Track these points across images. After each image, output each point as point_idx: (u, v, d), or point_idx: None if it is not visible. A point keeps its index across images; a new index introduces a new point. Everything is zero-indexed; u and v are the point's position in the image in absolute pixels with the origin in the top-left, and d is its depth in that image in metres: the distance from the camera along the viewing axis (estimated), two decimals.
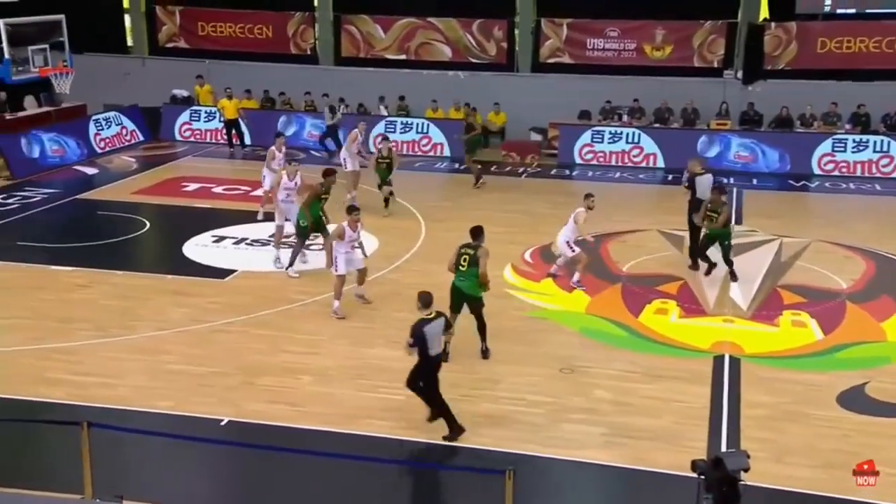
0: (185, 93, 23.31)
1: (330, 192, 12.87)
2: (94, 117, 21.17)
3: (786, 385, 9.73)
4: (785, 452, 8.36)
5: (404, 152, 20.83)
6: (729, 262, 12.83)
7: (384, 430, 8.65)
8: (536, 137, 22.02)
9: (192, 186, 18.04)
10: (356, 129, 17.14)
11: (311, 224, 12.64)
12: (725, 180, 17.85)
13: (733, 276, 12.78)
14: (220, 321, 11.18)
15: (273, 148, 15.13)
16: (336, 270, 11.29)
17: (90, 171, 19.35)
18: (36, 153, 18.83)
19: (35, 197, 16.85)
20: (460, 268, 10.13)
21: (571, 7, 22.48)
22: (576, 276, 12.61)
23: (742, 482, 5.85)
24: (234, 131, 21.43)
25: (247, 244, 14.33)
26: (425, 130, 21.62)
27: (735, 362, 10.33)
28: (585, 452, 8.42)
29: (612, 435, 8.71)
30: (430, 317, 8.45)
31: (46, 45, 16.48)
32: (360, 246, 11.65)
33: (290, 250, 12.96)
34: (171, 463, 8.10)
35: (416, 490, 7.93)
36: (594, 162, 20.89)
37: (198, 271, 13.07)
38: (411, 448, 8.46)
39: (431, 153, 21.39)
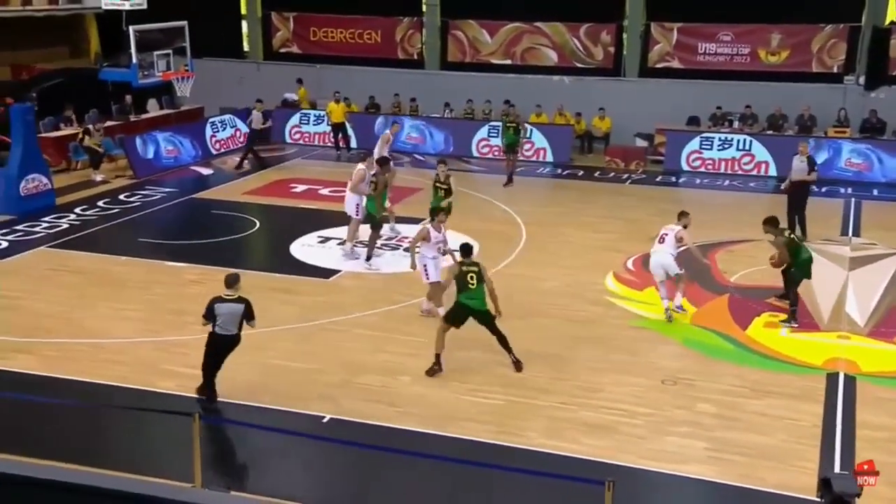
0: (295, 97, 24.00)
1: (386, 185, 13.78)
2: (210, 119, 22.05)
3: None
4: None
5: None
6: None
7: (480, 433, 8.65)
8: (642, 143, 21.61)
9: (300, 188, 18.53)
10: (388, 131, 17.23)
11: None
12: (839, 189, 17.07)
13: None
14: (323, 320, 11.43)
15: (387, 132, 16.52)
16: (427, 278, 11.22)
17: (205, 171, 20.15)
18: (154, 154, 19.73)
19: (155, 195, 17.67)
20: (469, 286, 9.89)
21: (682, 11, 21.95)
22: (678, 299, 11.67)
23: None
24: (340, 135, 21.92)
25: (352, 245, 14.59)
26: (529, 135, 21.53)
27: (850, 380, 9.85)
28: (688, 467, 8.19)
29: (717, 450, 8.44)
30: (228, 297, 8.86)
31: (170, 51, 17.28)
32: (450, 251, 11.30)
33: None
34: (275, 457, 8.31)
35: (513, 497, 7.89)
36: (702, 169, 20.33)
37: (304, 270, 13.40)
38: (508, 453, 8.42)
39: (534, 158, 21.29)
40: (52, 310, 11.61)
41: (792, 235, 12.09)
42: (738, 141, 20.22)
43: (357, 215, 13.74)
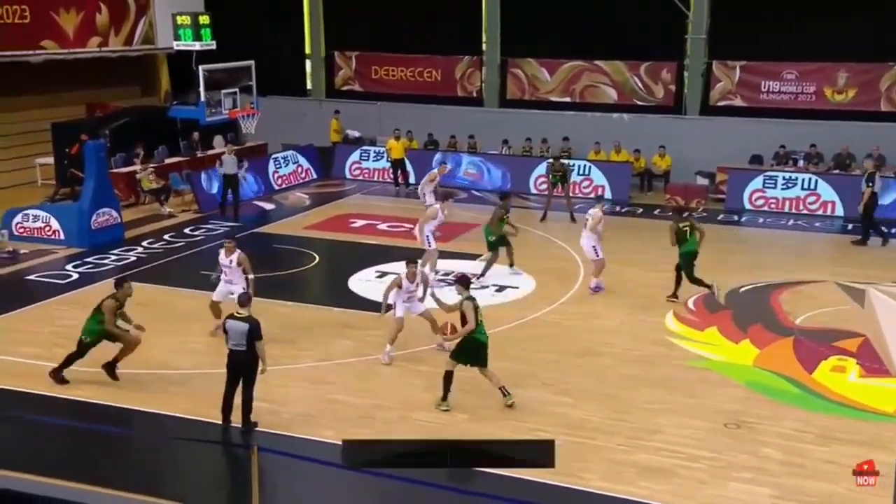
0: (356, 133, 24.43)
1: (508, 210, 14.50)
2: (273, 156, 22.57)
3: None
4: None
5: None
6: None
7: (537, 473, 8.52)
8: (703, 181, 21.35)
9: (359, 223, 18.77)
10: (436, 170, 17.26)
11: (497, 239, 14.27)
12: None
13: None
14: (380, 354, 11.47)
15: (435, 171, 16.92)
16: (395, 315, 11.29)
17: (267, 206, 20.57)
18: (217, 189, 20.21)
19: (218, 230, 18.08)
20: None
21: (746, 49, 21.76)
22: (594, 282, 13.50)
23: None
24: (399, 171, 22.19)
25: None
26: (587, 172, 21.49)
27: None
28: None
29: (782, 497, 8.20)
30: (238, 316, 9.36)
31: (236, 89, 17.75)
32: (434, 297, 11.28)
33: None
34: (333, 491, 8.33)
35: None
36: (765, 208, 19.98)
37: (362, 305, 13.51)
38: (565, 495, 8.29)
39: (592, 195, 21.20)
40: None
41: (683, 225, 13.32)
42: (804, 180, 19.84)
43: (430, 247, 14.13)
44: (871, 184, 16.93)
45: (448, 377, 9.93)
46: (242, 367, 9.35)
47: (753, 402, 10.23)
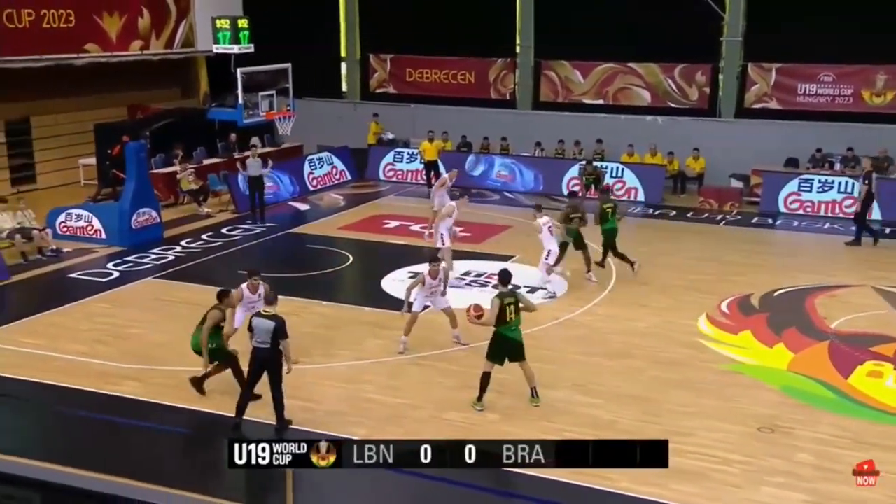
0: (390, 135, 24.63)
1: (577, 210, 14.46)
2: (308, 157, 22.83)
3: None
4: None
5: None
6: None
7: (565, 474, 8.58)
8: (737, 184, 21.21)
9: (393, 224, 18.94)
10: (446, 175, 17.35)
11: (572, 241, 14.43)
12: None
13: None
14: (413, 354, 11.62)
15: (445, 176, 16.86)
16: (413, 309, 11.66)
17: (302, 206, 20.82)
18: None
19: (254, 229, 18.36)
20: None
21: (782, 51, 21.57)
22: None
23: None
24: (432, 172, 22.33)
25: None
26: (620, 174, 21.46)
27: None
28: None
29: (816, 503, 8.15)
30: (265, 314, 9.42)
31: (273, 92, 18.08)
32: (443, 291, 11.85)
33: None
34: (367, 491, 8.47)
35: None
36: (800, 211, 19.80)
37: (394, 305, 13.62)
38: (592, 496, 8.34)
39: (625, 197, 21.18)
40: (159, 338, 12.16)
41: (606, 206, 14.63)
42: (840, 183, 19.63)
43: (444, 245, 14.29)
44: (867, 182, 17.01)
45: (484, 378, 10.01)
46: (266, 364, 9.43)
47: (788, 407, 10.19)
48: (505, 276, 10.08)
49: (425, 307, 11.85)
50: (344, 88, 26.89)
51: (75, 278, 15.07)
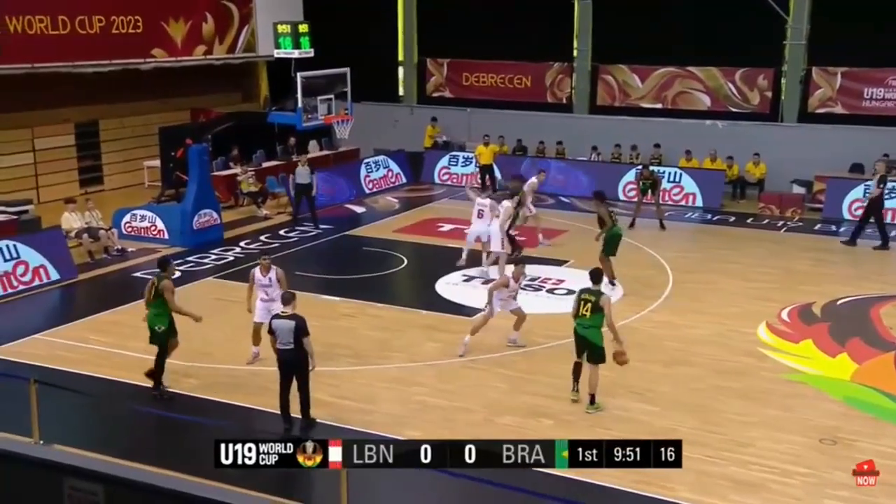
0: (444, 138, 24.71)
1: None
2: (364, 160, 23.05)
3: None
4: None
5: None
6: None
7: (624, 482, 8.51)
8: (799, 190, 20.74)
9: (447, 227, 18.99)
10: (535, 179, 17.36)
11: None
12: None
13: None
14: (466, 357, 11.63)
15: (534, 179, 17.23)
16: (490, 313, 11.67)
17: (358, 209, 21.02)
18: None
19: (311, 231, 18.60)
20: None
21: (847, 56, 21.04)
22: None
23: None
24: (488, 176, 22.32)
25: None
26: (678, 179, 21.17)
27: None
28: None
29: None
30: (283, 315, 9.48)
31: (332, 96, 18.28)
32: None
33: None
34: (419, 493, 8.51)
35: None
36: None
37: (448, 308, 13.70)
38: (646, 502, 8.25)
39: (683, 202, 20.89)
40: (217, 337, 12.39)
41: (611, 210, 14.60)
42: None
43: (502, 249, 14.37)
44: (882, 185, 17.13)
45: (573, 368, 10.23)
46: (293, 365, 9.49)
47: (851, 419, 9.94)
48: (593, 275, 10.32)
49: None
50: (401, 92, 27.07)
51: (139, 277, 15.43)
